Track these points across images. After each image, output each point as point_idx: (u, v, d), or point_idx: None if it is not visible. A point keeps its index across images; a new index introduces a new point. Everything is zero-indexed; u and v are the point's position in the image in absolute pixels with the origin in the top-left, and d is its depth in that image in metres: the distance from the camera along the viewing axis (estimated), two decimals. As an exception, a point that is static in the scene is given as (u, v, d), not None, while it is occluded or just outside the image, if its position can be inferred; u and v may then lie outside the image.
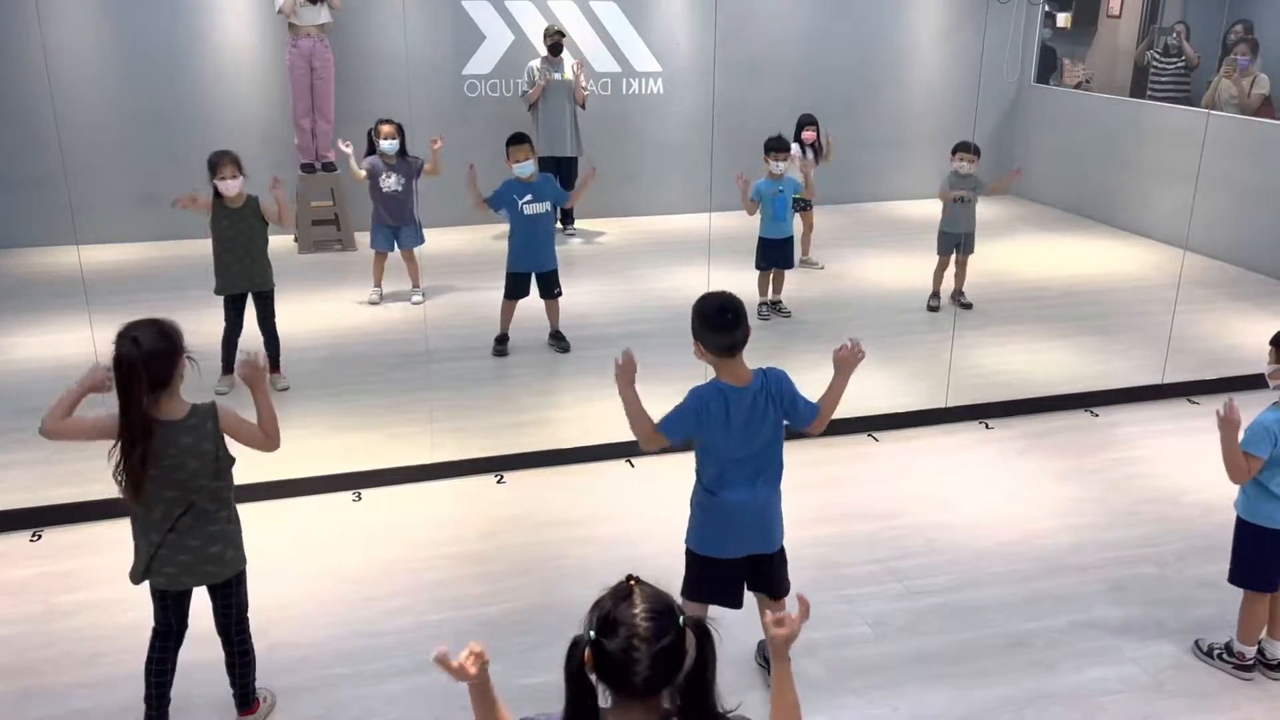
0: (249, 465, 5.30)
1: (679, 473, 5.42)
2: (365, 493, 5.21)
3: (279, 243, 9.53)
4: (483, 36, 10.03)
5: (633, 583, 1.95)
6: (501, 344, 7.07)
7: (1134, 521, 4.99)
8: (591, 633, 1.88)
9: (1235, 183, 8.98)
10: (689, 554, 3.62)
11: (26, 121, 8.90)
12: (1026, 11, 11.18)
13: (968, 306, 7.85)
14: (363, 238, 8.67)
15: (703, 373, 3.42)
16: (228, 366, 6.20)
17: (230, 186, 5.90)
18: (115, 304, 7.53)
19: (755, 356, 3.54)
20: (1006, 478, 5.45)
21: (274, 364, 6.36)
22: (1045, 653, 4.04)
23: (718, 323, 3.39)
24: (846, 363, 3.61)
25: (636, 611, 1.87)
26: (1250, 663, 3.86)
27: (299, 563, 4.61)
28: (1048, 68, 11.65)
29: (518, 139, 6.84)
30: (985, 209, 10.91)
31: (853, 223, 10.61)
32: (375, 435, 5.76)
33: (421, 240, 7.97)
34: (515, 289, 6.98)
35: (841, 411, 5.93)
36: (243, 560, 3.50)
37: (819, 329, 7.47)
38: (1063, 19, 11.91)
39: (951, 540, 4.82)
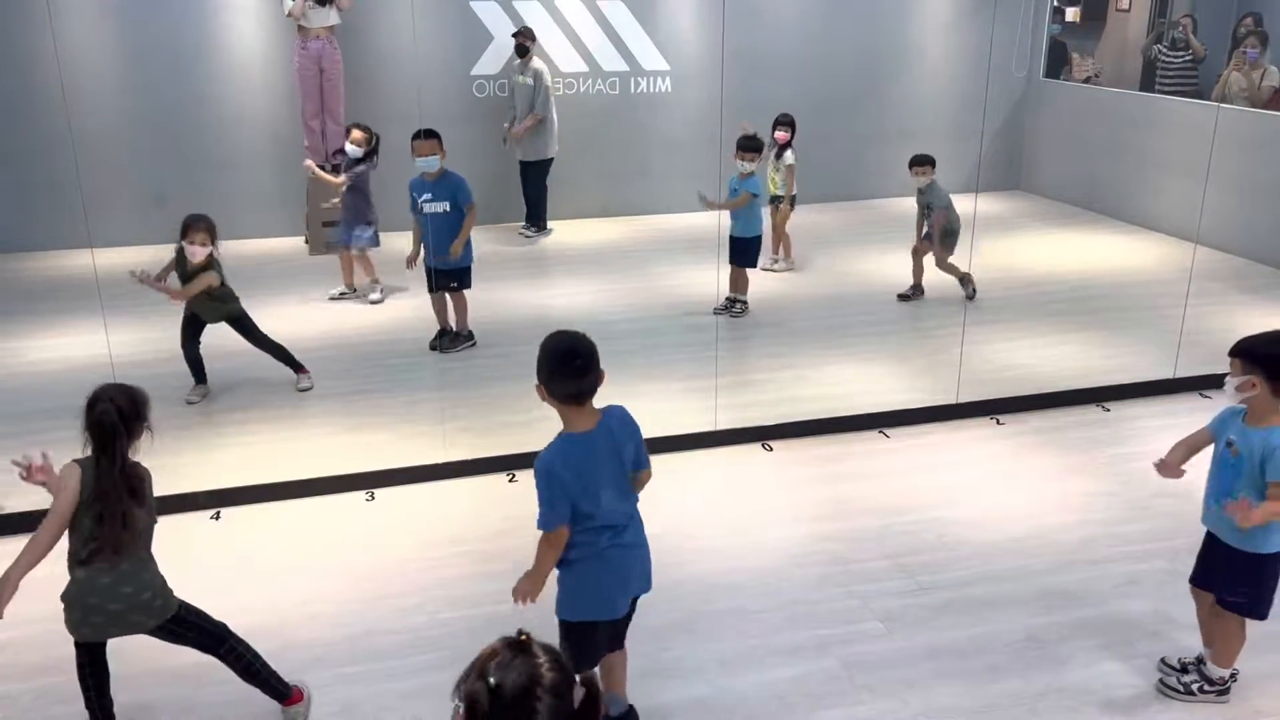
0: (260, 466, 5.38)
1: (688, 468, 5.46)
2: (378, 492, 5.24)
3: (289, 245, 9.65)
4: (491, 37, 10.05)
5: (525, 637, 1.86)
6: (439, 339, 7.06)
7: (1146, 516, 4.98)
8: (492, 679, 1.77)
9: (1246, 176, 8.94)
10: (568, 627, 3.27)
11: (39, 126, 8.95)
12: (1035, 6, 11.16)
13: (971, 296, 7.88)
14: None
15: (713, 372, 3.45)
16: (198, 377, 6.33)
17: (196, 253, 5.86)
18: (129, 307, 7.59)
19: (760, 356, 3.52)
20: (1018, 473, 5.44)
21: (294, 367, 6.40)
22: (1057, 647, 4.04)
23: (565, 368, 3.06)
24: None
25: (540, 662, 1.80)
26: (1227, 685, 3.76)
27: (313, 562, 4.64)
28: (1057, 62, 11.62)
29: (425, 134, 6.70)
30: (995, 204, 10.93)
31: (862, 219, 10.61)
32: (387, 435, 5.78)
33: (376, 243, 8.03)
34: (433, 282, 6.93)
35: (852, 408, 6.03)
36: (172, 606, 3.44)
37: (826, 327, 7.48)
38: (1071, 13, 11.89)
39: (963, 536, 4.82)
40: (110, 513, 3.28)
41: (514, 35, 9.64)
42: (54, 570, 4.57)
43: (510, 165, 9.98)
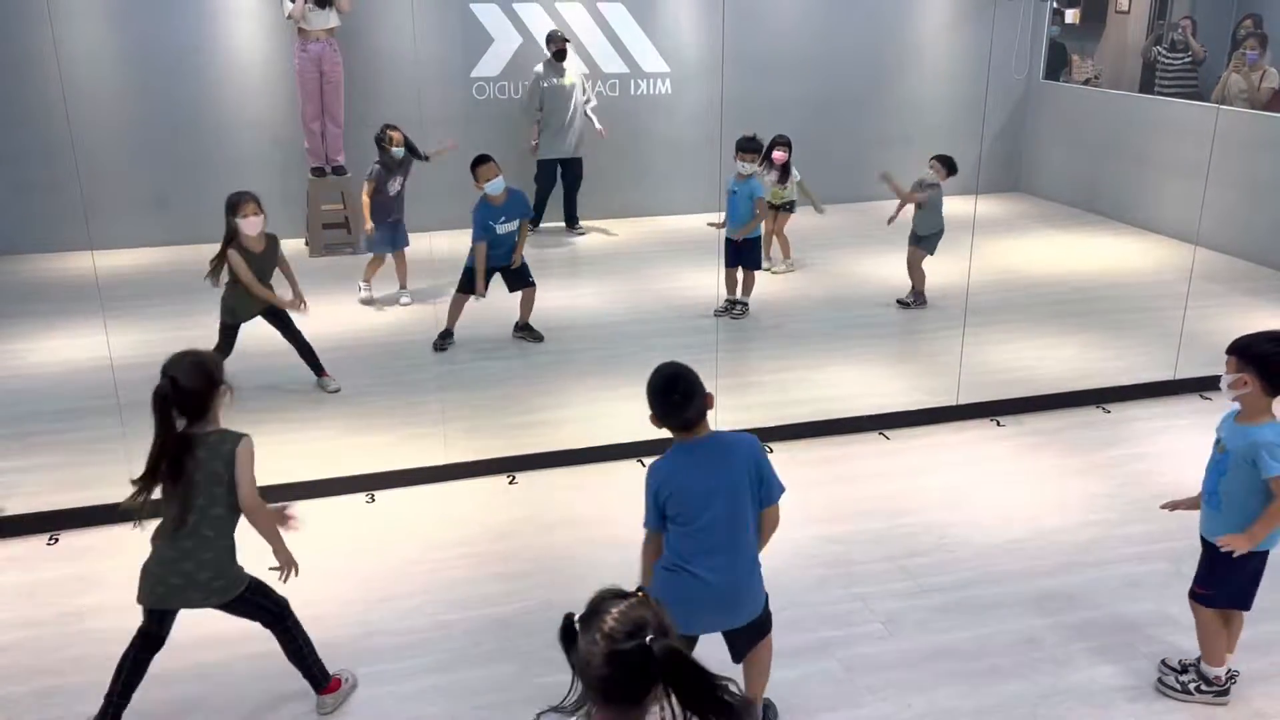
0: (260, 468, 5.36)
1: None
2: (379, 494, 5.24)
3: (289, 247, 9.61)
4: (491, 39, 10.05)
5: (640, 593, 1.96)
6: (447, 339, 7.13)
7: (1147, 517, 4.97)
8: (577, 616, 1.94)
9: (1246, 177, 8.95)
10: None
11: (40, 128, 8.95)
12: (1035, 8, 11.17)
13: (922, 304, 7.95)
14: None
15: (714, 373, 3.44)
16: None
17: (254, 224, 5.84)
18: (129, 308, 7.61)
19: (760, 358, 3.51)
20: (1018, 475, 5.44)
21: (320, 369, 6.40)
22: (1058, 649, 4.04)
23: (665, 402, 3.19)
24: None
25: (613, 610, 1.91)
26: (1226, 685, 3.74)
27: (313, 564, 4.60)
28: (1057, 64, 11.63)
29: (483, 159, 6.89)
30: (995, 206, 10.94)
31: (862, 221, 10.60)
32: (388, 437, 5.78)
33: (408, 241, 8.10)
34: (472, 284, 7.02)
35: (853, 410, 6.03)
36: (235, 587, 3.49)
37: (826, 329, 7.47)
38: (1071, 15, 11.89)
39: (964, 537, 4.82)
40: (166, 482, 3.34)
41: (552, 41, 9.62)
42: (56, 574, 4.58)
43: (510, 169, 9.98)
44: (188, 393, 3.33)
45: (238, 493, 3.41)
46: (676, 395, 3.18)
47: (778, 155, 8.49)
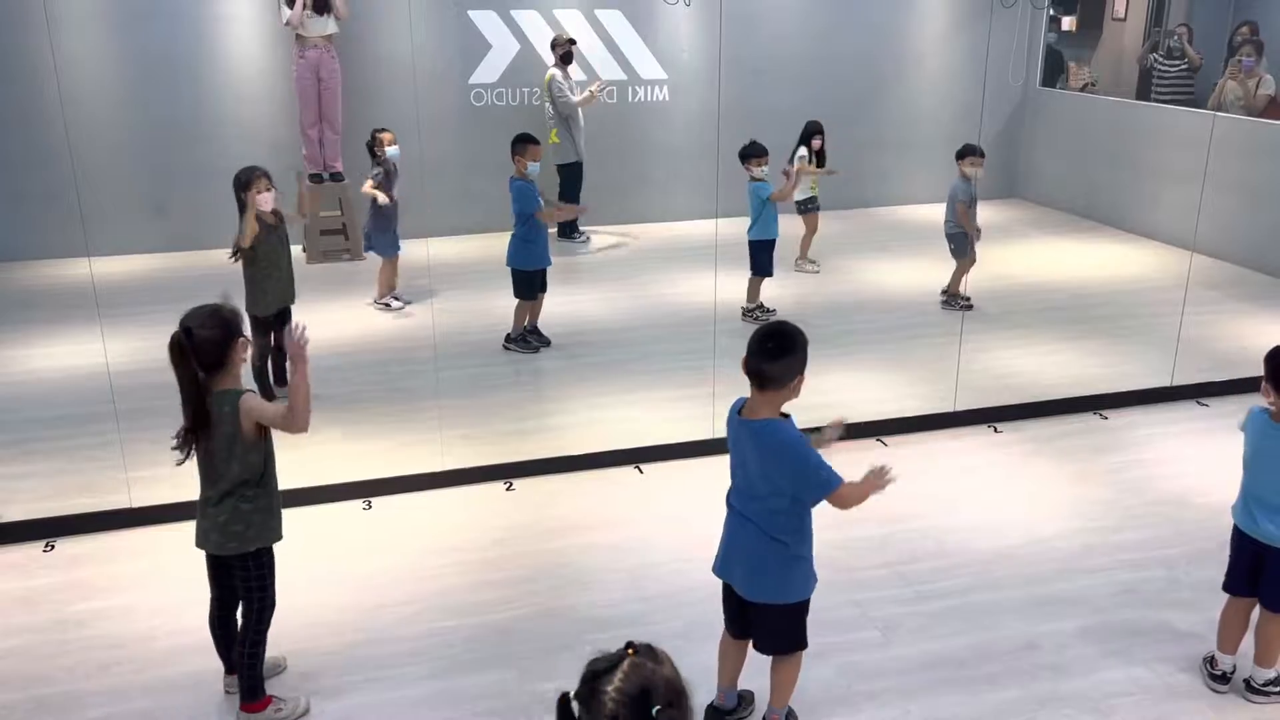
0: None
1: (684, 476, 5.45)
2: (375, 500, 5.23)
3: (287, 252, 9.64)
4: (488, 46, 10.07)
5: (630, 652, 1.83)
6: (533, 336, 7.24)
7: (1144, 524, 4.98)
8: (572, 693, 1.80)
9: (1242, 184, 8.97)
10: None
11: (37, 134, 8.96)
12: (1031, 15, 11.19)
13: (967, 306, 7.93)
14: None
15: (710, 380, 3.45)
16: (267, 387, 6.13)
17: (268, 200, 5.81)
18: (126, 315, 7.60)
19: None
20: (1016, 481, 5.44)
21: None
22: (1056, 655, 4.04)
23: (757, 344, 3.25)
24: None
25: (610, 689, 1.77)
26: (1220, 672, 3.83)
27: (310, 571, 4.63)
28: (1053, 71, 11.66)
29: (531, 138, 6.96)
30: (992, 212, 10.96)
31: (859, 227, 10.63)
32: (385, 443, 5.78)
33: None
34: (529, 291, 7.11)
35: (850, 416, 5.98)
36: (246, 545, 3.54)
37: (823, 335, 7.47)
38: (1068, 22, 11.92)
39: (961, 543, 4.82)
40: (191, 434, 3.40)
41: (559, 45, 9.63)
42: (52, 581, 4.57)
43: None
44: (204, 342, 3.33)
45: (276, 423, 3.42)
46: (770, 344, 3.24)
47: (817, 142, 8.69)
